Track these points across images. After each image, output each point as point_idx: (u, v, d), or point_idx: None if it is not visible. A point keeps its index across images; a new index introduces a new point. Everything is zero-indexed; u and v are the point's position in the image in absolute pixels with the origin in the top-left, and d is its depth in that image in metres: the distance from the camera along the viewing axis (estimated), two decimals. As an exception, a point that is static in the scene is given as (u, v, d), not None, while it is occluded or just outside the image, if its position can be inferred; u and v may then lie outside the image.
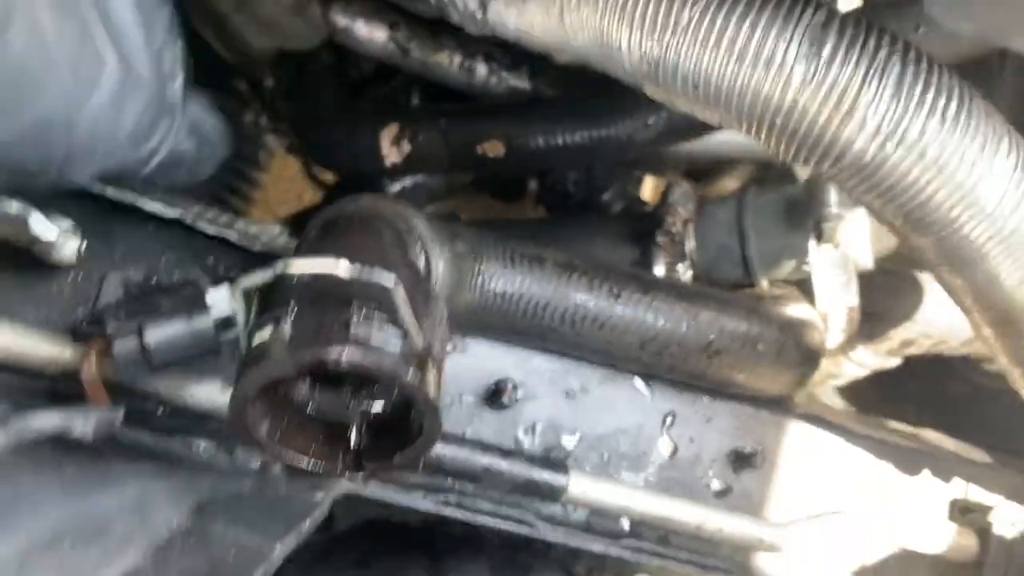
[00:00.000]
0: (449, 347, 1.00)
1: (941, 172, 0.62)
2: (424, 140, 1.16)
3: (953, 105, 0.62)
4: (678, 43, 0.65)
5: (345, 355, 0.56)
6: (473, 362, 1.01)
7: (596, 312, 0.98)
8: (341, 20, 1.17)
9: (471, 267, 0.94)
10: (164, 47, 0.88)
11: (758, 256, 1.26)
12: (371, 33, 1.19)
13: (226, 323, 0.71)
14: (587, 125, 1.12)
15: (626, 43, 0.68)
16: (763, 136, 0.66)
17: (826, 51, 0.62)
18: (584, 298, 0.98)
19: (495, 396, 1.00)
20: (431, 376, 0.60)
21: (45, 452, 0.65)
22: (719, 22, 0.64)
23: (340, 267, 0.56)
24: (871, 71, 0.61)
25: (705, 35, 0.64)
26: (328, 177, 2.02)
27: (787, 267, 1.26)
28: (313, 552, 1.06)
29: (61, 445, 0.66)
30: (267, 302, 0.60)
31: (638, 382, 1.05)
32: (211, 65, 1.32)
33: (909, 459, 1.15)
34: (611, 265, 1.02)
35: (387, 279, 0.57)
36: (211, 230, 0.95)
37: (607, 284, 0.99)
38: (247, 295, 0.61)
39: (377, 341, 0.57)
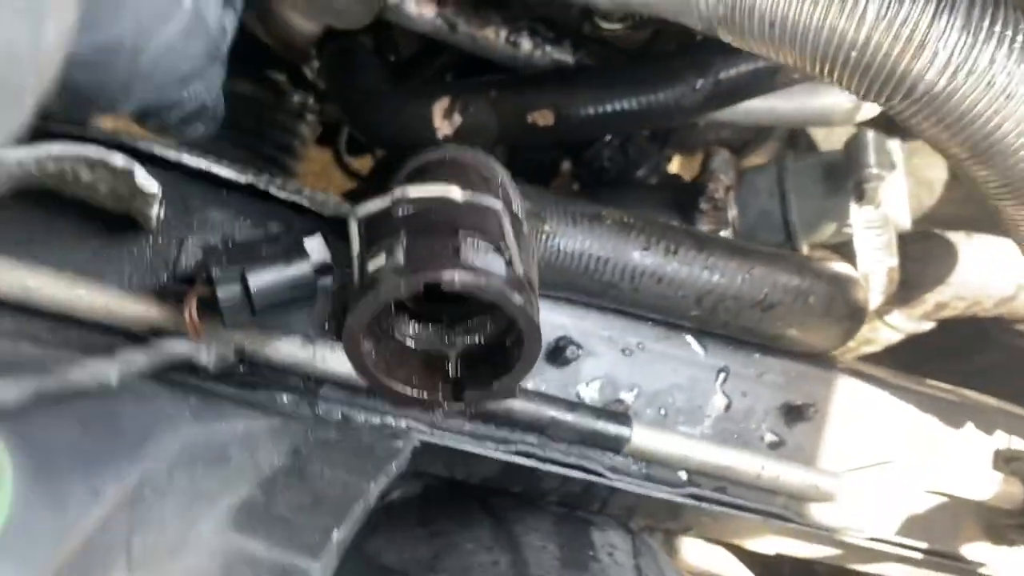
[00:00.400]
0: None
1: (1009, 100, 0.66)
2: (475, 111, 1.19)
3: (1020, 37, 0.65)
4: (755, -17, 0.69)
5: (458, 277, 0.59)
6: (535, 320, 1.04)
7: (654, 268, 1.01)
8: (391, -2, 1.21)
9: (537, 224, 0.97)
10: (227, 2, 0.93)
11: (800, 220, 1.29)
12: (420, 9, 1.22)
13: (324, 268, 0.74)
14: (635, 91, 1.16)
15: (700, -14, 0.72)
16: (836, 74, 0.70)
17: (898, -13, 0.65)
18: (642, 255, 1.01)
19: (557, 353, 1.03)
20: (532, 299, 0.64)
21: (174, 380, 0.68)
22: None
23: (452, 191, 0.60)
24: (941, 5, 0.65)
25: (781, -23, 0.68)
26: (360, 166, 2.06)
27: (828, 230, 1.30)
28: (375, 515, 1.10)
29: (182, 377, 0.69)
30: (376, 234, 0.63)
31: (692, 339, 1.09)
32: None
33: (952, 412, 1.18)
34: (667, 223, 1.05)
35: (495, 203, 0.60)
36: (283, 195, 0.98)
37: (664, 241, 1.02)
38: (358, 225, 0.64)
39: (484, 265, 0.61)
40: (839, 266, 1.16)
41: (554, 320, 1.05)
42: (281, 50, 1.46)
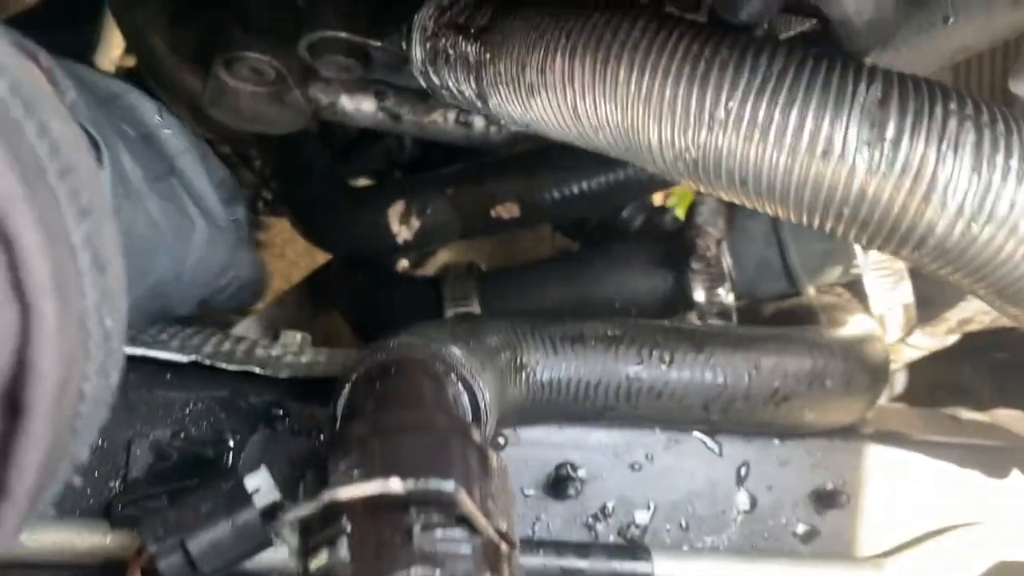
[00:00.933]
0: (501, 440, 0.95)
1: (1039, 243, 0.55)
2: (433, 212, 1.09)
3: (1043, 168, 0.54)
4: (717, 139, 0.58)
5: (414, 573, 0.50)
6: (529, 452, 0.95)
7: (651, 382, 0.92)
8: (324, 98, 1.10)
9: (513, 364, 0.88)
10: (232, 200, 1.05)
11: (801, 265, 1.19)
12: (357, 105, 1.11)
13: (273, 509, 0.65)
14: (602, 169, 1.05)
15: (656, 141, 0.61)
16: (830, 226, 0.59)
17: (890, 131, 0.54)
18: (635, 370, 0.91)
19: (559, 484, 0.94)
20: (513, 559, 0.55)
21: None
22: (762, 113, 0.56)
23: (392, 485, 0.50)
24: (944, 145, 0.54)
25: (748, 129, 0.57)
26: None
27: (834, 273, 1.20)
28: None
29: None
30: (316, 526, 0.54)
31: (705, 438, 0.99)
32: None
33: (994, 460, 1.08)
34: (656, 326, 0.95)
35: (446, 485, 0.50)
36: (232, 367, 0.89)
37: (657, 350, 0.92)
38: (293, 524, 0.55)
39: (445, 549, 0.51)
40: (853, 326, 1.06)
41: (550, 447, 0.96)
42: (221, 141, 1.36)
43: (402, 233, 1.10)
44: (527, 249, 1.57)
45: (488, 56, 0.73)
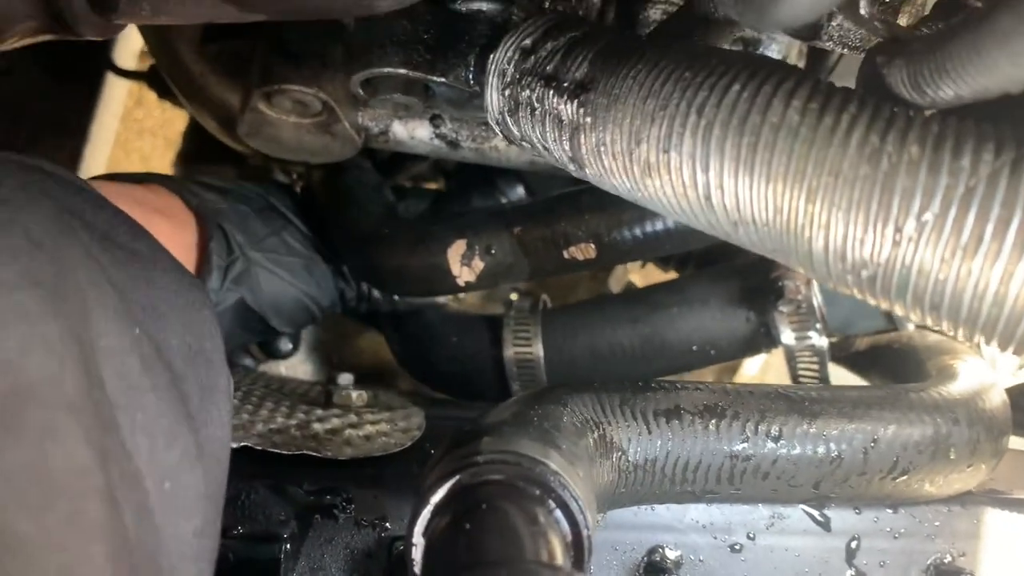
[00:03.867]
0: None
1: None
2: (499, 253, 0.98)
3: None
4: (905, 256, 0.47)
5: None
6: (618, 536, 0.85)
7: (757, 461, 0.81)
8: (374, 126, 0.98)
9: (601, 445, 0.77)
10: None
11: (902, 300, 1.07)
12: (411, 133, 1.00)
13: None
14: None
15: (821, 249, 0.50)
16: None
17: None
18: (740, 448, 0.80)
19: (652, 571, 0.84)
20: None
21: None
22: (968, 228, 0.45)
23: None
24: None
25: (948, 247, 0.45)
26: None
27: (939, 309, 1.07)
28: None
29: None
30: None
31: (811, 512, 0.89)
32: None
33: None
34: (760, 392, 0.84)
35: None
36: (287, 451, 0.79)
37: (763, 424, 0.81)
38: None
39: None
40: (969, 376, 0.95)
41: (642, 524, 0.86)
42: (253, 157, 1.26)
43: (463, 275, 0.99)
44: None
45: (589, 121, 0.61)
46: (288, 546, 0.78)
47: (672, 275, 1.34)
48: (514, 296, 1.30)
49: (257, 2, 0.57)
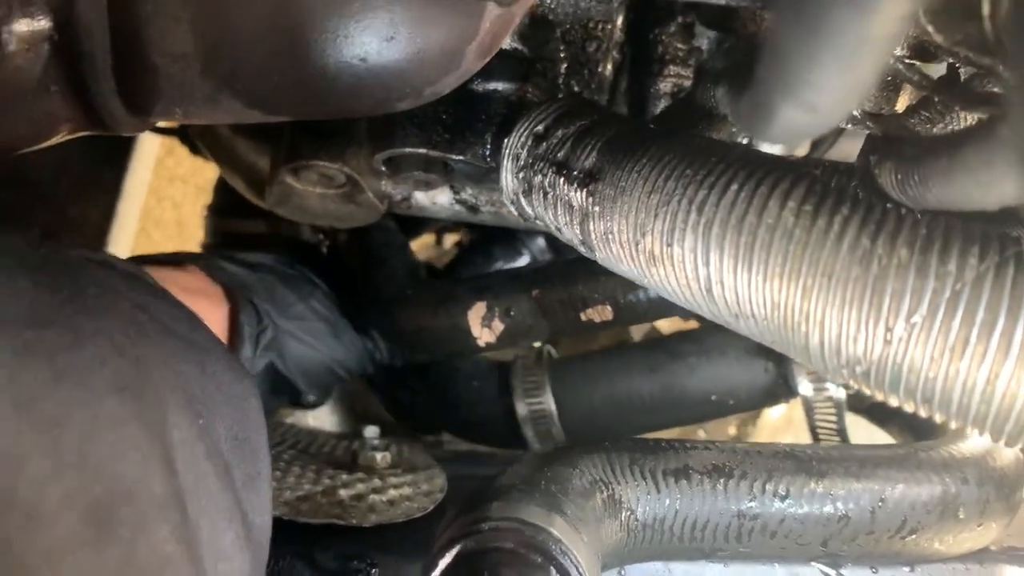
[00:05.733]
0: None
1: None
2: (518, 315, 1.01)
3: None
4: (896, 355, 0.49)
5: None
6: (632, 592, 0.88)
7: (764, 520, 0.83)
8: (397, 194, 1.02)
9: (610, 504, 0.80)
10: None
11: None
12: (433, 199, 1.04)
13: None
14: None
15: (817, 345, 0.53)
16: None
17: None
18: (747, 507, 0.83)
19: (668, 629, 0.86)
20: None
21: None
22: (955, 331, 0.47)
23: None
24: None
25: (937, 347, 0.48)
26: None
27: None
28: None
29: None
30: None
31: (828, 571, 0.91)
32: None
33: None
34: (768, 451, 0.87)
35: None
36: (314, 521, 0.83)
37: (771, 483, 0.84)
38: None
39: None
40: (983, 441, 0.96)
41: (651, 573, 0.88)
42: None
43: (484, 336, 1.02)
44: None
45: (597, 210, 0.64)
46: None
47: (692, 324, 1.36)
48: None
49: (282, 106, 0.61)
